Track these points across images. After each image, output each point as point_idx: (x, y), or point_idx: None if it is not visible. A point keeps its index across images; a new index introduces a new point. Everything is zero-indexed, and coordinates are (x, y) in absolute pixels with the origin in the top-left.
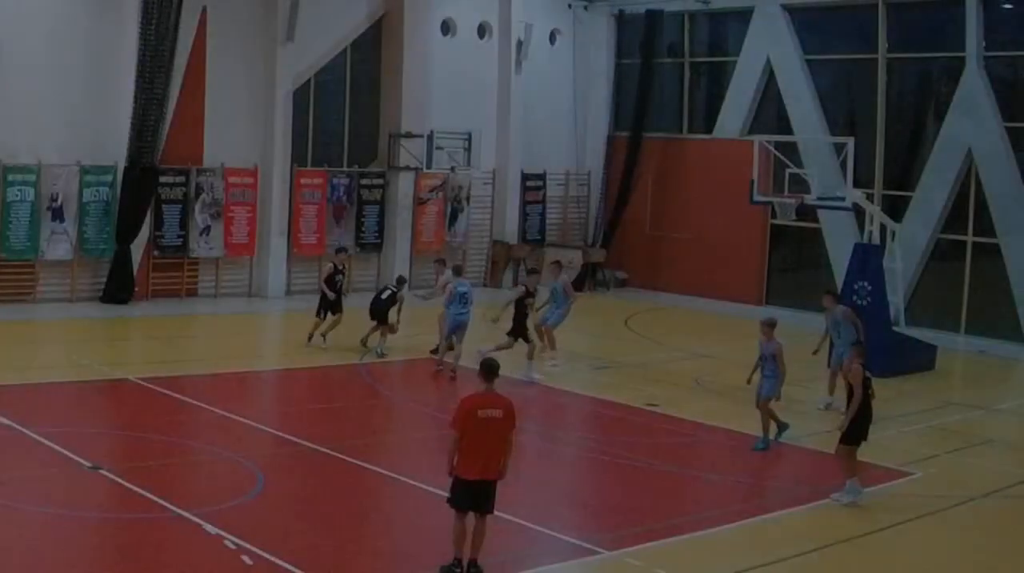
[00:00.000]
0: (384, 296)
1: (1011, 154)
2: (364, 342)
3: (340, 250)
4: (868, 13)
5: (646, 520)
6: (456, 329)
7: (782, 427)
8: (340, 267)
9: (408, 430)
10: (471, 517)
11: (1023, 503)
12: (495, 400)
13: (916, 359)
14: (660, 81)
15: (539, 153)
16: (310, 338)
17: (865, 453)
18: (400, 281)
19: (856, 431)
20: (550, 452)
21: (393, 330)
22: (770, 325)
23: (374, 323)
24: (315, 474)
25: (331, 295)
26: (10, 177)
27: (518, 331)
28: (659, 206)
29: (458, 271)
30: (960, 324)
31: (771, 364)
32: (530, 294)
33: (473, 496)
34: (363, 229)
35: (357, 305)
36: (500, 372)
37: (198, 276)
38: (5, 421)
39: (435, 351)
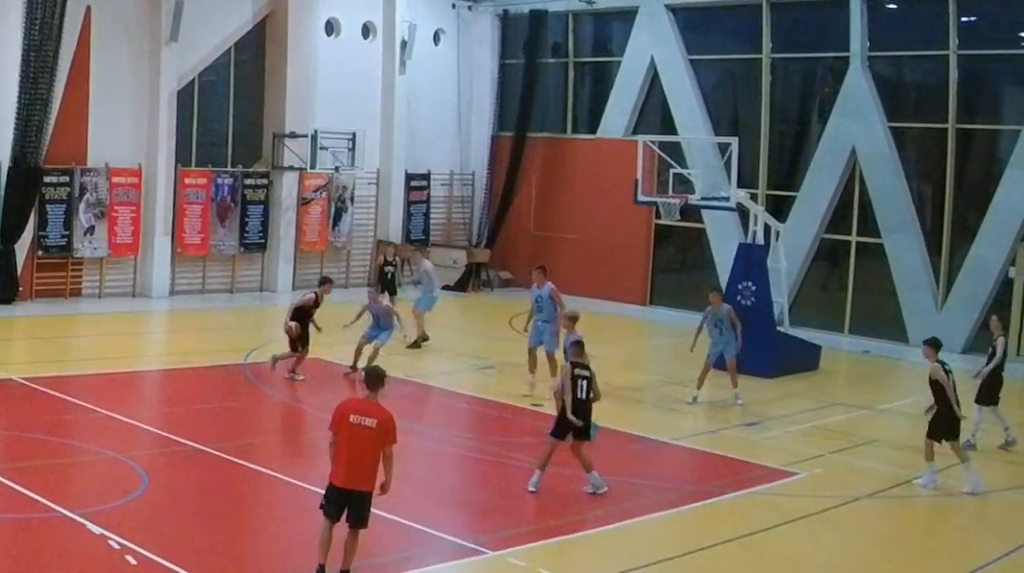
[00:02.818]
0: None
1: (895, 154)
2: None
3: (325, 281)
4: (752, 13)
5: (530, 520)
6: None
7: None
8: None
9: (292, 431)
10: (349, 528)
11: (906, 503)
12: (371, 409)
13: (800, 359)
14: (544, 81)
15: (423, 153)
16: (292, 371)
17: (750, 453)
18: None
19: (564, 426)
20: (434, 452)
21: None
22: (570, 318)
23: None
24: (199, 474)
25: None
26: None
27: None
28: (543, 206)
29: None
30: (844, 324)
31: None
32: None
33: (341, 504)
34: (247, 229)
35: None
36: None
37: (82, 276)
38: None
39: None
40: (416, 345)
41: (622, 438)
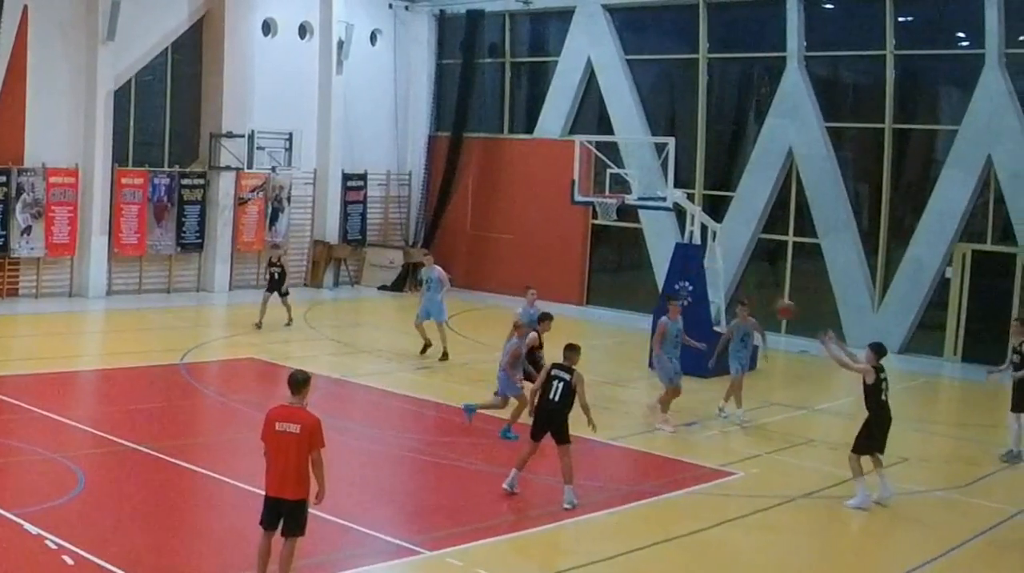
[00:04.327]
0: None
1: (832, 154)
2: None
3: (545, 317)
4: (689, 13)
5: (467, 520)
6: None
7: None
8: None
9: (229, 430)
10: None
11: (841, 503)
12: (295, 414)
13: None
14: (481, 81)
15: (360, 153)
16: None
17: (688, 453)
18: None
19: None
20: (371, 452)
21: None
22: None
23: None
24: (136, 474)
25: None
26: None
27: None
28: (480, 206)
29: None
30: (781, 324)
31: None
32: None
33: (275, 514)
34: (184, 229)
35: None
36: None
37: (19, 276)
38: None
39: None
40: (444, 357)
41: None
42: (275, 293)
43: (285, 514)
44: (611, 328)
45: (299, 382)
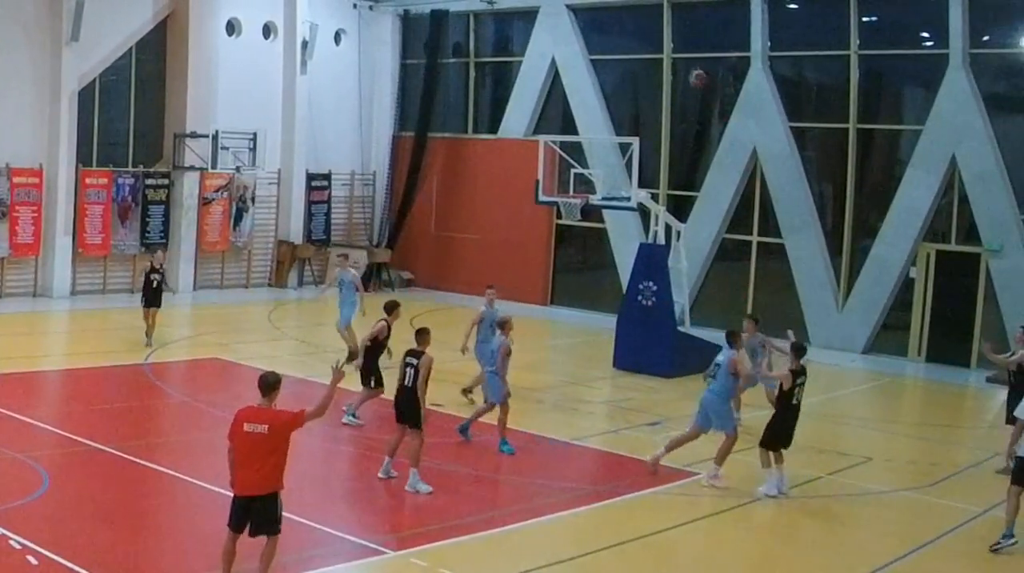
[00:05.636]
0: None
1: (796, 154)
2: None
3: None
4: (653, 13)
5: (431, 520)
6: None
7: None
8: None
9: (193, 430)
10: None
11: (807, 503)
12: (262, 415)
13: (701, 359)
14: (445, 81)
15: (324, 153)
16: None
17: (651, 453)
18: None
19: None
20: (335, 452)
21: None
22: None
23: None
24: (101, 474)
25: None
26: None
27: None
28: (444, 206)
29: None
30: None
31: None
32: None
33: (242, 514)
34: (148, 229)
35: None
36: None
37: None
38: None
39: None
40: (350, 358)
41: (523, 438)
42: (152, 306)
43: (257, 511)
44: (575, 328)
45: (269, 384)
